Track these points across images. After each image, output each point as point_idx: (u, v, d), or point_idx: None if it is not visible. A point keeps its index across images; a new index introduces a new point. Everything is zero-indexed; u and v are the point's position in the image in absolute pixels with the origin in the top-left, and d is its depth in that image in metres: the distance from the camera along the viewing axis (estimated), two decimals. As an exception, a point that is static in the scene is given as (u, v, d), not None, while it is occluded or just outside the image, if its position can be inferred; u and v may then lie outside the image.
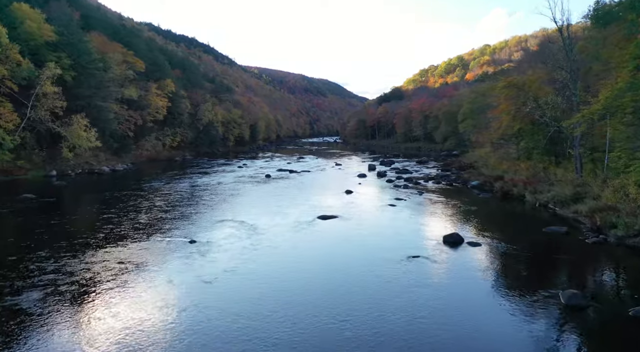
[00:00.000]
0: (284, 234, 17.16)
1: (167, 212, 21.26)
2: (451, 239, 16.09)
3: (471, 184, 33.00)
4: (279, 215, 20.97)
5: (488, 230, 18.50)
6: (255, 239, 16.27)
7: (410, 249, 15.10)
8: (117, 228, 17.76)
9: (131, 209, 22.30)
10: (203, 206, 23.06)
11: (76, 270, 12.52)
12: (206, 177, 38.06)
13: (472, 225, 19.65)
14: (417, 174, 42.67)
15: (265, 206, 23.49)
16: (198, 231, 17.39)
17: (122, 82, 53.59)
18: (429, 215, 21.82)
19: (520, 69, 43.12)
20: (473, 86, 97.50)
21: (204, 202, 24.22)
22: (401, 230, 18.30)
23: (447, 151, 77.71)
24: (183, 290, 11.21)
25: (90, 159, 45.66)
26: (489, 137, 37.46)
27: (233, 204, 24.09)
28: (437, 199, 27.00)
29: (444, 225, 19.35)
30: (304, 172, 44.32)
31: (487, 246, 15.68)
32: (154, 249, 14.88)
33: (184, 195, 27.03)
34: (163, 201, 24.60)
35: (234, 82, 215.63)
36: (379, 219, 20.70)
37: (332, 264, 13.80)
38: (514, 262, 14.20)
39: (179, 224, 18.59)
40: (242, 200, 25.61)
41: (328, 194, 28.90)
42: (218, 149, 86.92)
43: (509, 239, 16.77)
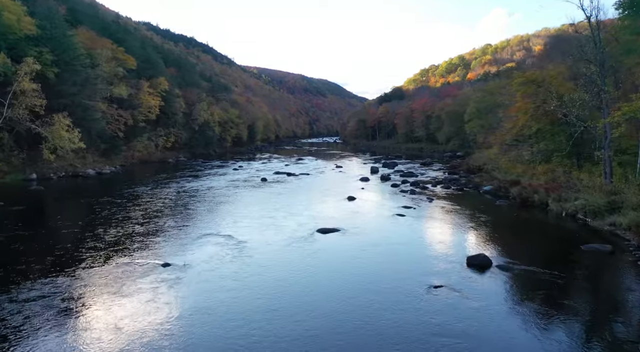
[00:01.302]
0: (276, 254, 14.44)
1: (144, 225, 18.53)
2: (477, 261, 13.39)
3: (483, 189, 30.34)
4: (272, 228, 18.26)
5: (516, 248, 15.83)
6: (241, 262, 13.53)
7: (429, 275, 12.42)
8: (77, 247, 14.99)
9: (103, 220, 19.57)
10: (187, 217, 20.32)
11: (9, 308, 9.82)
12: (197, 181, 35.34)
13: (496, 241, 16.94)
14: (422, 177, 40.01)
15: (258, 216, 20.77)
16: (175, 251, 14.65)
17: (111, 79, 50.86)
18: (444, 228, 19.10)
19: (535, 65, 40.49)
20: (480, 85, 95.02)
21: (189, 213, 21.47)
22: (415, 248, 15.56)
23: (451, 152, 75.15)
24: (136, 338, 8.50)
25: (76, 161, 42.88)
26: (501, 138, 34.77)
27: (221, 214, 21.34)
28: (449, 207, 24.30)
29: (463, 241, 16.65)
30: (302, 175, 41.63)
31: (522, 271, 12.96)
32: (113, 277, 12.12)
33: (167, 203, 24.30)
34: (143, 210, 21.86)
35: (233, 82, 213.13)
36: (387, 233, 17.98)
37: (333, 296, 11.08)
38: (561, 294, 11.47)
39: (154, 242, 15.85)
40: (232, 209, 22.86)
41: (328, 201, 26.21)
42: (214, 149, 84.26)
43: (545, 260, 14.06)
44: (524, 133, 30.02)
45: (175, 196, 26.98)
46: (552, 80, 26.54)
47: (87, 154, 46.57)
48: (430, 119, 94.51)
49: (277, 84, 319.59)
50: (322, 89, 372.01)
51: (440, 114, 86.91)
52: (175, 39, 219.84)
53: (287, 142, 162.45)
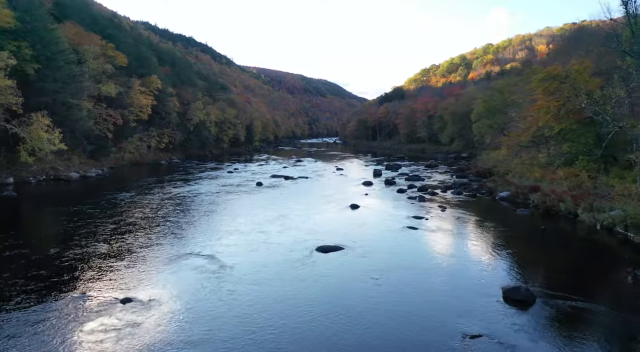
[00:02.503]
0: (265, 287, 11.68)
1: (112, 243, 15.77)
2: (517, 295, 10.68)
3: (499, 195, 27.64)
4: (263, 247, 15.51)
5: (558, 274, 13.11)
6: (219, 298, 10.76)
7: (459, 316, 9.70)
8: (18, 274, 12.28)
9: (63, 237, 16.69)
10: (164, 233, 17.50)
11: None
12: (185, 186, 32.59)
13: (530, 264, 14.23)
14: (429, 181, 37.33)
15: (248, 230, 18.03)
16: (141, 280, 11.88)
17: (99, 77, 48.10)
18: (465, 246, 16.35)
19: (552, 62, 37.73)
20: (485, 83, 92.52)
21: (168, 226, 18.65)
22: (436, 276, 12.79)
23: (455, 154, 72.60)
24: None
25: (59, 164, 40.14)
26: (515, 140, 32.06)
27: (205, 228, 18.53)
28: (465, 217, 21.59)
29: (492, 264, 13.91)
30: (301, 178, 38.91)
31: (575, 309, 10.25)
32: (48, 323, 9.43)
33: (147, 213, 21.54)
34: (115, 223, 19.10)
35: (231, 82, 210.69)
36: (400, 253, 15.22)
37: (338, 344, 8.38)
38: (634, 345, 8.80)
39: (118, 267, 13.03)
40: (219, 221, 20.07)
41: (329, 209, 23.47)
42: (211, 150, 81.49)
43: (599, 293, 11.39)
44: (543, 134, 27.34)
45: (157, 204, 24.21)
46: (577, 75, 23.85)
47: (72, 156, 43.86)
48: (433, 119, 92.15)
49: (277, 84, 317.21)
50: (322, 89, 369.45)
51: (443, 114, 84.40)
52: (173, 38, 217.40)
53: (286, 143, 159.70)
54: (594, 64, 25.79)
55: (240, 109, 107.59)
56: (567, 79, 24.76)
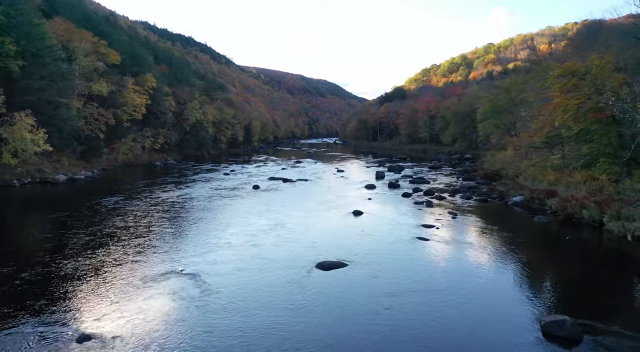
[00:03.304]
0: (256, 313, 9.77)
1: (80, 260, 13.86)
2: (560, 330, 8.79)
3: (512, 200, 25.76)
4: (255, 264, 13.60)
5: (602, 300, 11.16)
6: (199, 333, 8.88)
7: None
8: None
9: (27, 251, 14.79)
10: (144, 247, 15.46)
11: None
12: (178, 190, 30.69)
13: (567, 287, 12.30)
14: (435, 184, 35.47)
15: (240, 242, 16.11)
16: (104, 311, 9.94)
17: (90, 75, 46.19)
18: (485, 262, 14.42)
19: (566, 57, 35.87)
20: (488, 83, 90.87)
21: (149, 238, 16.61)
22: (456, 301, 10.82)
23: (458, 154, 70.79)
24: None
25: (46, 165, 38.24)
26: (527, 141, 30.17)
27: (192, 240, 16.50)
28: (479, 225, 19.71)
29: (522, 288, 11.98)
30: (300, 181, 37.02)
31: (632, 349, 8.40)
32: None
33: (128, 222, 19.60)
34: (92, 235, 17.15)
35: (231, 82, 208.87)
36: (411, 270, 13.31)
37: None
38: None
39: (81, 294, 11.10)
40: (208, 232, 18.10)
41: (329, 217, 21.58)
42: (208, 151, 79.61)
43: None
44: (559, 134, 25.45)
45: (143, 211, 22.28)
46: (598, 71, 21.99)
47: (61, 157, 41.98)
48: (435, 119, 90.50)
49: (276, 84, 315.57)
50: (322, 89, 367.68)
51: (446, 114, 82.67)
52: (172, 38, 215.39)
53: (285, 143, 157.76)
54: (614, 60, 23.93)
55: (239, 108, 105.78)
56: (587, 76, 22.91)
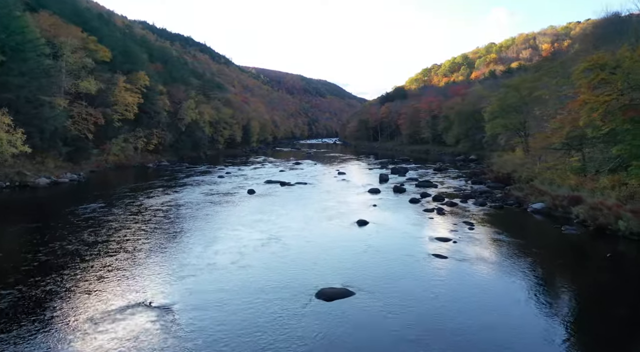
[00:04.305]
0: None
1: (31, 289, 11.50)
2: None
3: (532, 207, 23.36)
4: (242, 293, 11.17)
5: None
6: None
7: None
8: None
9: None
10: (110, 269, 12.94)
11: None
12: (165, 195, 28.30)
13: (628, 328, 9.96)
14: (443, 187, 33.14)
15: (225, 263, 13.68)
16: None
17: (78, 72, 43.83)
18: (520, 288, 11.98)
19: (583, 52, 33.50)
20: (490, 82, 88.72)
21: (119, 258, 14.03)
22: (493, 347, 8.51)
23: (462, 155, 68.57)
24: None
25: (28, 168, 35.86)
26: (545, 141, 27.80)
27: (169, 260, 13.92)
28: (501, 239, 17.33)
29: (571, 329, 9.60)
30: (298, 185, 34.66)
31: None
32: None
33: (100, 235, 17.17)
34: (50, 254, 14.70)
35: (230, 82, 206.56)
36: (431, 301, 10.88)
37: None
38: None
39: (16, 337, 8.83)
40: (189, 249, 15.54)
41: (331, 228, 19.20)
42: (205, 152, 77.29)
43: None
44: (584, 134, 23.08)
45: (120, 221, 19.84)
46: (632, 64, 19.63)
47: (46, 159, 39.62)
48: (437, 119, 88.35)
49: (276, 84, 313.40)
50: (321, 89, 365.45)
51: (449, 114, 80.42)
52: (171, 38, 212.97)
53: (285, 144, 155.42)
54: None
55: (237, 108, 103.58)
56: (617, 69, 20.57)
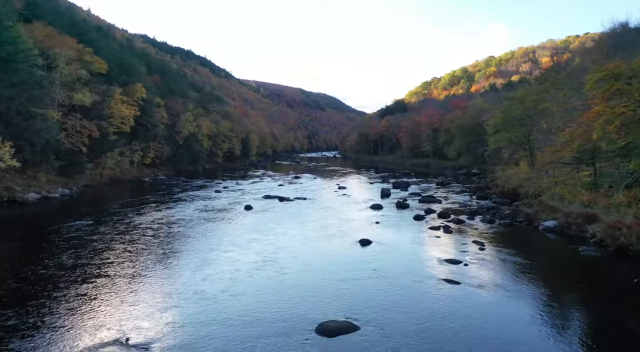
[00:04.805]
0: None
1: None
2: None
3: (544, 225, 22.09)
4: (230, 325, 9.86)
5: None
6: None
7: None
8: None
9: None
10: (85, 297, 11.48)
11: None
12: (158, 211, 27.03)
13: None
14: (447, 203, 31.93)
15: (215, 292, 12.35)
16: None
17: (72, 84, 42.88)
18: (543, 319, 10.72)
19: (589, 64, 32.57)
20: (491, 95, 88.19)
21: (98, 284, 12.65)
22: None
23: (464, 169, 67.48)
24: None
25: (18, 183, 34.67)
26: (555, 155, 26.64)
27: (152, 287, 12.56)
28: (516, 261, 16.03)
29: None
30: (297, 199, 33.43)
31: None
32: None
33: (80, 259, 15.86)
34: (23, 281, 13.46)
35: (230, 95, 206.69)
36: (445, 336, 9.59)
37: None
38: None
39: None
40: (178, 272, 14.22)
41: (331, 247, 17.91)
42: (203, 165, 76.23)
43: None
44: (598, 147, 21.93)
45: (105, 241, 18.55)
46: (649, 73, 18.61)
47: (38, 173, 38.45)
48: (438, 133, 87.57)
49: (276, 97, 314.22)
50: (321, 102, 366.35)
51: (450, 127, 79.69)
52: (172, 51, 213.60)
53: (284, 157, 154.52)
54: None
55: (236, 121, 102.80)
56: (633, 80, 19.52)
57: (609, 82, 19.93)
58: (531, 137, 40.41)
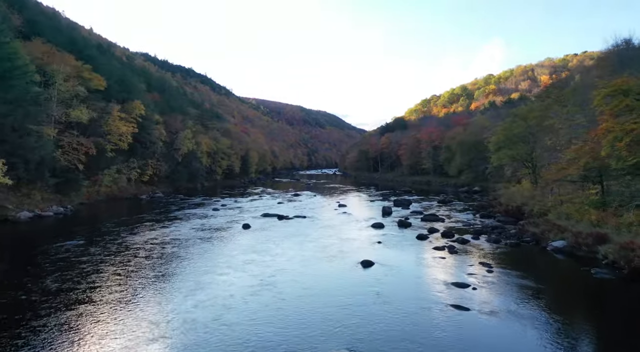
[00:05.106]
0: None
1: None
2: None
3: (552, 245, 21.25)
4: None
5: None
6: None
7: None
8: None
9: None
10: (70, 326, 10.67)
11: None
12: (152, 231, 26.18)
13: None
14: (450, 221, 31.10)
15: (208, 317, 11.53)
16: None
17: (70, 101, 42.42)
18: (561, 347, 9.89)
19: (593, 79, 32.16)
20: (492, 113, 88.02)
21: (80, 312, 11.96)
22: None
23: (466, 187, 66.65)
24: None
25: (11, 200, 33.86)
26: (561, 173, 25.95)
27: (134, 319, 11.62)
28: (527, 284, 15.16)
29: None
30: (297, 218, 32.62)
31: None
32: None
33: (65, 284, 15.00)
34: (2, 307, 12.69)
35: (230, 113, 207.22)
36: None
37: None
38: None
39: None
40: (168, 298, 13.39)
41: (332, 270, 17.04)
42: (202, 183, 75.47)
43: None
44: (607, 165, 21.25)
45: (93, 262, 17.70)
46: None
47: (33, 191, 37.67)
48: (438, 150, 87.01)
49: (276, 115, 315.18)
50: (321, 120, 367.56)
51: (450, 144, 79.12)
52: (173, 69, 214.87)
53: (284, 174, 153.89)
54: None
55: (236, 138, 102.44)
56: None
57: (617, 98, 19.36)
58: (534, 154, 39.83)
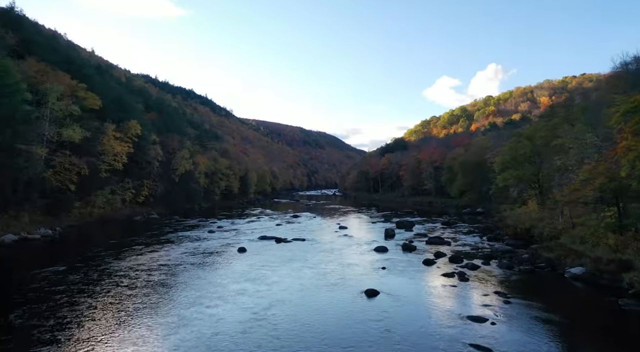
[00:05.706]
0: None
1: None
2: None
3: (571, 272, 19.74)
4: None
5: None
6: None
7: None
8: None
9: None
10: None
11: None
12: (142, 255, 24.60)
13: None
14: (456, 245, 29.57)
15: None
16: None
17: (63, 120, 41.28)
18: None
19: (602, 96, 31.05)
20: (493, 134, 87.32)
21: (57, 349, 10.71)
22: None
23: (469, 208, 65.09)
24: None
25: None
26: (575, 194, 24.54)
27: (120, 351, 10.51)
28: (550, 318, 13.60)
29: None
30: (296, 241, 31.07)
31: None
32: None
33: (41, 317, 13.48)
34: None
35: (230, 134, 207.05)
36: None
37: None
38: None
39: None
40: (150, 331, 11.95)
41: (333, 301, 15.46)
42: (199, 204, 73.93)
43: None
44: (627, 186, 19.88)
45: (76, 291, 16.15)
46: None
47: (21, 212, 36.18)
48: (440, 171, 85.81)
49: (276, 136, 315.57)
50: (321, 141, 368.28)
51: (452, 165, 77.96)
52: (173, 91, 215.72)
53: (284, 195, 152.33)
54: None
55: (235, 159, 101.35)
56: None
57: (638, 115, 18.12)
58: (540, 174, 38.50)
